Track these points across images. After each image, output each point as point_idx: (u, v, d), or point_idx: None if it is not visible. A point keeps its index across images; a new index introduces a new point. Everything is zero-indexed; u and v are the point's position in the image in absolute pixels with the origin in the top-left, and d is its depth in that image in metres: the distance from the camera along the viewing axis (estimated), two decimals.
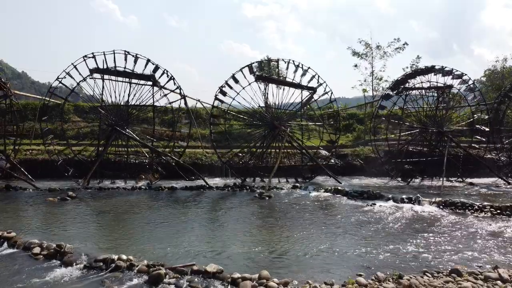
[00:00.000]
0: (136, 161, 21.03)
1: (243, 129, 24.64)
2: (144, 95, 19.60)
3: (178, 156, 20.08)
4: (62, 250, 7.53)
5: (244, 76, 19.95)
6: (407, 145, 21.73)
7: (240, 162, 21.34)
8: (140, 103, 19.78)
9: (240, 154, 21.83)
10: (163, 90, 19.65)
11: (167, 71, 19.25)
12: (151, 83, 19.52)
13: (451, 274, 6.54)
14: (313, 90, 21.45)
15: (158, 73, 19.26)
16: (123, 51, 18.50)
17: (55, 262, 7.27)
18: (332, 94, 21.70)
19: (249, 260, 7.61)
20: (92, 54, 18.26)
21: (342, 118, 26.24)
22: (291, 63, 20.58)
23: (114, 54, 18.40)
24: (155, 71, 19.19)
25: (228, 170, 20.88)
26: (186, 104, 20.10)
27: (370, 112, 30.24)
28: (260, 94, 20.43)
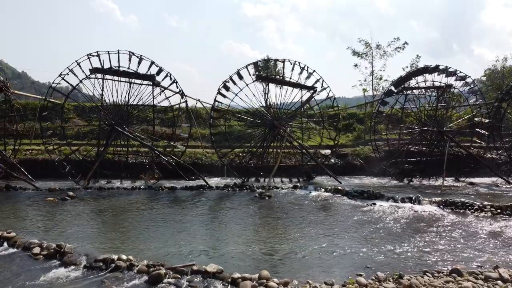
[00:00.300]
0: (136, 161, 21.01)
1: (243, 129, 24.62)
2: (144, 95, 19.64)
3: (179, 156, 20.03)
4: (62, 250, 7.52)
5: (249, 73, 20.03)
6: (407, 144, 21.72)
7: (241, 162, 21.30)
8: (140, 103, 19.75)
9: (240, 154, 21.79)
10: (164, 92, 19.71)
11: (170, 74, 19.27)
12: (151, 83, 19.49)
13: (452, 274, 6.53)
14: (313, 90, 21.43)
15: (161, 75, 19.28)
16: (128, 51, 18.51)
17: (55, 262, 7.27)
18: (335, 100, 21.63)
19: (249, 260, 7.61)
20: (97, 52, 18.25)
21: (342, 118, 26.21)
22: (297, 64, 20.49)
23: (119, 54, 18.39)
24: (158, 74, 19.24)
25: (226, 169, 20.86)
26: (187, 105, 20.15)
27: (370, 111, 30.20)
28: (260, 94, 20.44)
